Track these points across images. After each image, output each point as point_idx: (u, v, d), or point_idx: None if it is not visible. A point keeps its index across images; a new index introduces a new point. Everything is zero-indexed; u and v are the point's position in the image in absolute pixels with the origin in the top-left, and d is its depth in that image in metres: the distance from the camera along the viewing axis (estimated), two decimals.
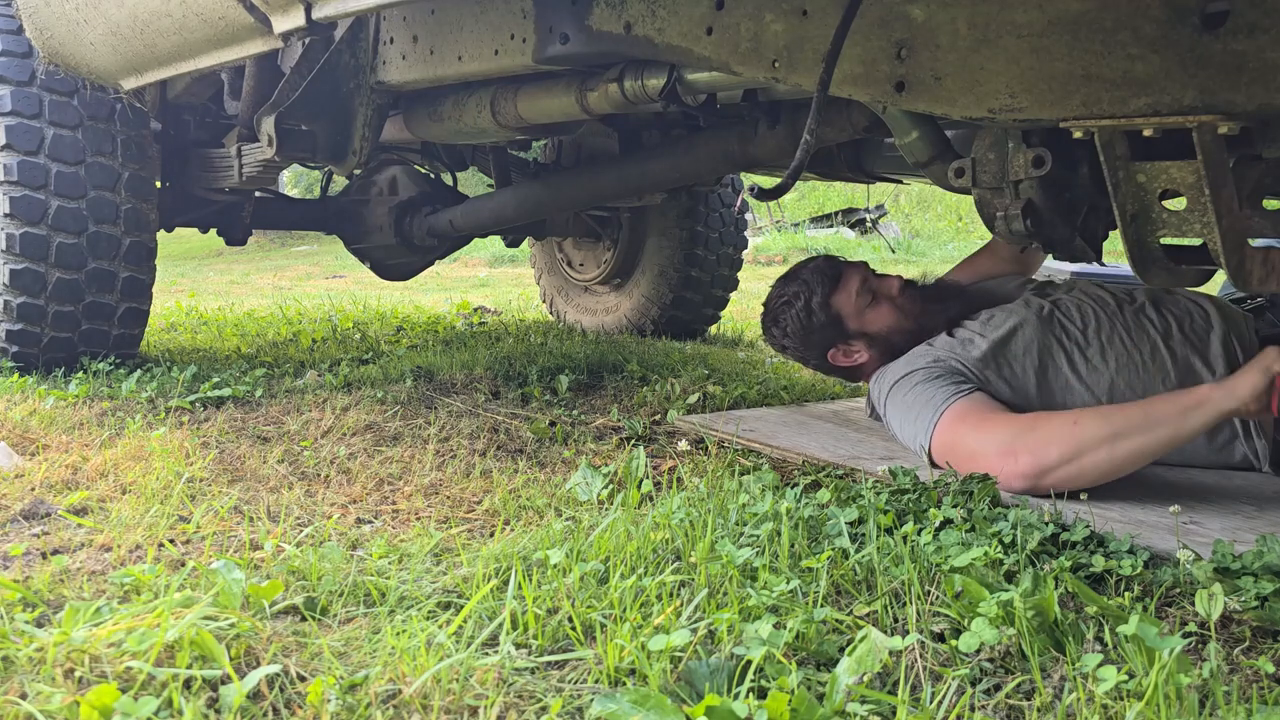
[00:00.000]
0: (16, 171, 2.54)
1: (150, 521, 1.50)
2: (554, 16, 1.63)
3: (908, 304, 2.04)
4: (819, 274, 2.07)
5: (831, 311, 2.04)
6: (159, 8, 2.00)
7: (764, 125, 2.07)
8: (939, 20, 1.22)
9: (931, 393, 1.80)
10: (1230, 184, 1.13)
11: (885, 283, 2.06)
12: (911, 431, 1.82)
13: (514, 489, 1.74)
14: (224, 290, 7.86)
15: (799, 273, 2.11)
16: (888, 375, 1.95)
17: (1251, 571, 1.23)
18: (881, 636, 1.04)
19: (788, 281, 2.12)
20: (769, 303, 2.16)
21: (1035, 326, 1.88)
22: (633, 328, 4.03)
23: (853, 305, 2.04)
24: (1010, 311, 1.93)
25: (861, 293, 2.03)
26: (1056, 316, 1.90)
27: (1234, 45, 1.05)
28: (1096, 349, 1.85)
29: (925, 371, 1.86)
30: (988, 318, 1.95)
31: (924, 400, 1.80)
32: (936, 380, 1.83)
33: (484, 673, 1.02)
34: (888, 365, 1.99)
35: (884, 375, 1.97)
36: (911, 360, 1.92)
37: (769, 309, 2.15)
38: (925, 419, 1.78)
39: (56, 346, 2.69)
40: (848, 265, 2.09)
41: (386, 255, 3.43)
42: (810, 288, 2.05)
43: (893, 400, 1.89)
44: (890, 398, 1.90)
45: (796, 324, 2.07)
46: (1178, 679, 0.96)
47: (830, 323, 2.05)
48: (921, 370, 1.87)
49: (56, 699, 0.93)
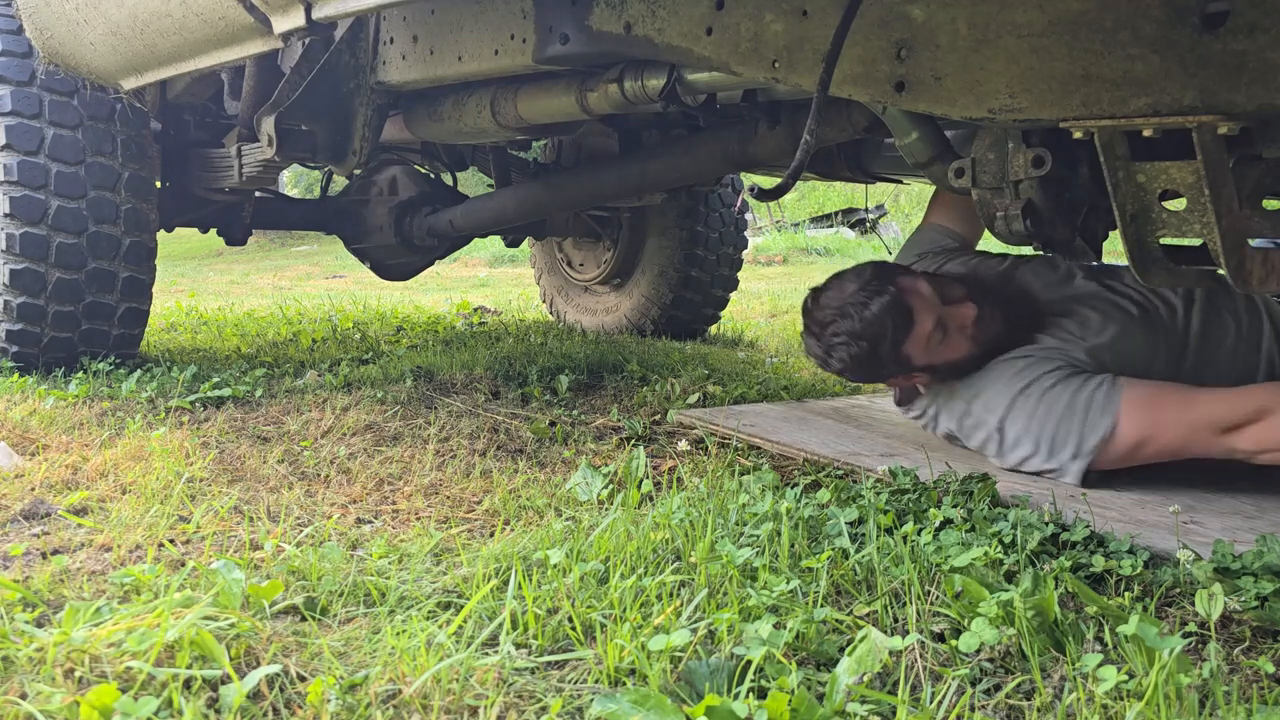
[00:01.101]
0: (16, 171, 2.54)
1: (150, 521, 1.50)
2: (554, 16, 1.62)
3: (980, 331, 1.82)
4: (890, 316, 1.77)
5: (901, 355, 1.81)
6: (159, 8, 2.00)
7: (764, 125, 2.07)
8: (939, 20, 1.22)
9: (1079, 390, 1.68)
10: (1230, 184, 1.13)
11: (959, 314, 1.82)
12: (1067, 437, 1.69)
13: (514, 489, 1.74)
14: (224, 290, 7.86)
15: (863, 306, 1.79)
16: (978, 392, 1.81)
17: (1251, 571, 1.23)
18: (881, 636, 1.04)
19: (847, 315, 1.80)
20: (822, 329, 1.85)
21: (1140, 326, 1.79)
22: (633, 328, 4.03)
23: (924, 348, 1.81)
24: (1103, 314, 1.82)
25: (934, 333, 1.80)
26: (1150, 315, 1.82)
27: (1234, 45, 1.05)
28: (1195, 349, 1.79)
29: (1054, 374, 1.72)
30: (1082, 320, 1.82)
31: (1074, 401, 1.68)
32: (1073, 378, 1.70)
33: (484, 673, 1.02)
34: (966, 382, 1.84)
35: (965, 393, 1.83)
36: (1021, 370, 1.77)
37: (822, 338, 1.85)
38: (1093, 419, 1.65)
39: (56, 346, 2.69)
40: (919, 303, 1.79)
41: (386, 255, 3.43)
42: (878, 331, 1.77)
43: (1015, 415, 1.74)
44: (1011, 414, 1.75)
45: (856, 362, 1.82)
46: (1178, 679, 0.96)
47: (897, 363, 1.83)
48: (1047, 374, 1.73)
49: (56, 699, 0.93)
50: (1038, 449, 1.73)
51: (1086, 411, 1.68)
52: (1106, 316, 1.82)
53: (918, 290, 1.81)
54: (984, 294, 1.85)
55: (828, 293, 1.86)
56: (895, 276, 1.82)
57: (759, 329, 4.56)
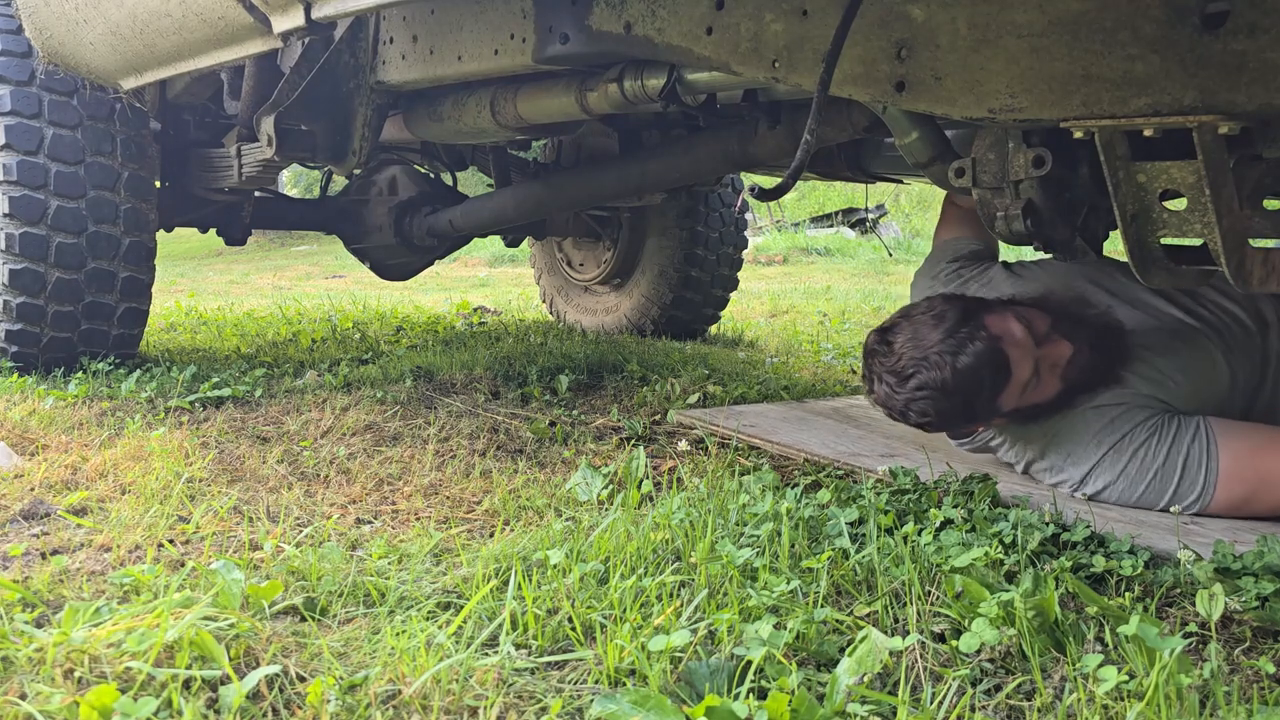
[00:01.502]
0: (16, 171, 2.53)
1: (150, 522, 1.50)
2: (554, 16, 1.62)
3: (1072, 369, 1.65)
4: (987, 367, 1.58)
5: (995, 407, 1.65)
6: (158, 7, 2.00)
7: (764, 125, 2.07)
8: (939, 20, 1.22)
9: (1174, 446, 1.57)
10: (1231, 184, 1.13)
11: (1053, 354, 1.64)
12: (1159, 499, 1.59)
13: (514, 489, 1.74)
14: (223, 290, 7.86)
15: (954, 356, 1.58)
16: (1058, 439, 1.68)
17: (1252, 572, 1.23)
18: (882, 637, 1.04)
19: (935, 366, 1.59)
20: (900, 380, 1.63)
21: (1222, 352, 1.70)
22: (633, 328, 4.03)
23: (1018, 394, 1.64)
24: (1191, 345, 1.71)
25: (1031, 378, 1.63)
26: (1229, 338, 1.72)
27: (1234, 45, 1.05)
28: (1275, 374, 1.71)
29: (1147, 427, 1.60)
30: (1173, 354, 1.69)
31: (1170, 460, 1.57)
32: (1166, 429, 1.59)
33: (484, 673, 1.02)
34: (1043, 425, 1.70)
35: (1042, 435, 1.70)
36: (1113, 421, 1.63)
37: (899, 390, 1.63)
38: (1190, 479, 1.56)
39: (56, 346, 2.69)
40: (1016, 351, 1.61)
41: (386, 255, 3.43)
42: (973, 385, 1.59)
43: (1102, 469, 1.62)
44: (1098, 468, 1.63)
45: (943, 417, 1.64)
46: (1178, 679, 0.96)
47: (987, 414, 1.67)
48: (1140, 427, 1.61)
49: (56, 699, 0.92)
50: (1125, 504, 1.62)
51: (1182, 470, 1.56)
52: (1194, 347, 1.69)
53: (1011, 334, 1.61)
54: (1073, 326, 1.68)
55: (900, 336, 1.65)
56: (983, 316, 1.62)
57: (759, 329, 4.56)
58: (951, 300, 1.66)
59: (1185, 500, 1.56)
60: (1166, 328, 1.75)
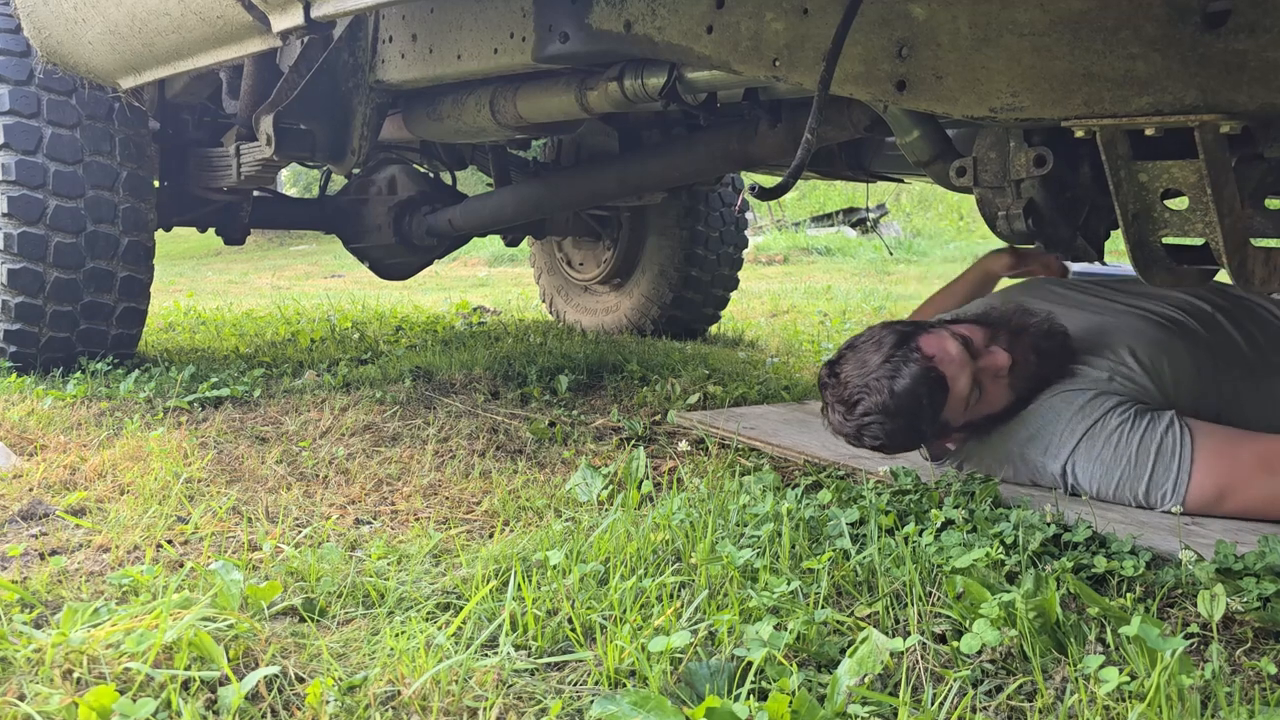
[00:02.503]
0: (14, 171, 2.53)
1: (148, 522, 1.50)
2: (554, 15, 1.62)
3: (1018, 378, 1.68)
4: (922, 386, 1.61)
5: (939, 424, 1.68)
6: (157, 6, 2.00)
7: (764, 124, 2.06)
8: (940, 19, 1.22)
9: (1147, 434, 1.57)
10: (1232, 183, 1.13)
11: (992, 364, 1.67)
12: (1139, 485, 1.58)
13: (513, 490, 1.73)
14: (222, 290, 7.85)
15: (891, 380, 1.63)
16: (1033, 435, 1.68)
17: (1254, 572, 1.22)
18: (883, 638, 1.04)
19: (875, 390, 1.64)
20: (848, 408, 1.68)
21: (1189, 350, 1.70)
22: (633, 327, 4.03)
23: (963, 410, 1.67)
24: (1138, 331, 1.73)
25: (971, 393, 1.66)
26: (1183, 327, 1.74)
27: (1235, 45, 1.05)
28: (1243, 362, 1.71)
29: (1119, 413, 1.61)
30: (1122, 340, 1.71)
31: (1143, 448, 1.57)
32: (1140, 419, 1.59)
33: (483, 674, 1.02)
34: (1009, 429, 1.71)
35: (1014, 438, 1.70)
36: (1082, 407, 1.64)
37: (849, 417, 1.68)
38: (1165, 465, 1.56)
39: (54, 346, 2.69)
40: (950, 367, 1.64)
41: (385, 255, 3.43)
42: (913, 404, 1.62)
43: (1080, 459, 1.63)
44: (1076, 457, 1.63)
45: (892, 438, 1.68)
46: (1180, 680, 0.96)
47: (935, 432, 1.70)
48: (1112, 413, 1.61)
49: (55, 700, 0.92)
50: (1102, 498, 1.63)
51: (1155, 458, 1.56)
52: (1150, 338, 1.71)
53: (946, 351, 1.65)
54: (1013, 336, 1.71)
55: (845, 366, 1.70)
56: (917, 338, 1.67)
57: (759, 329, 4.56)
58: (890, 327, 1.72)
59: (1160, 489, 1.56)
60: (1119, 322, 1.78)
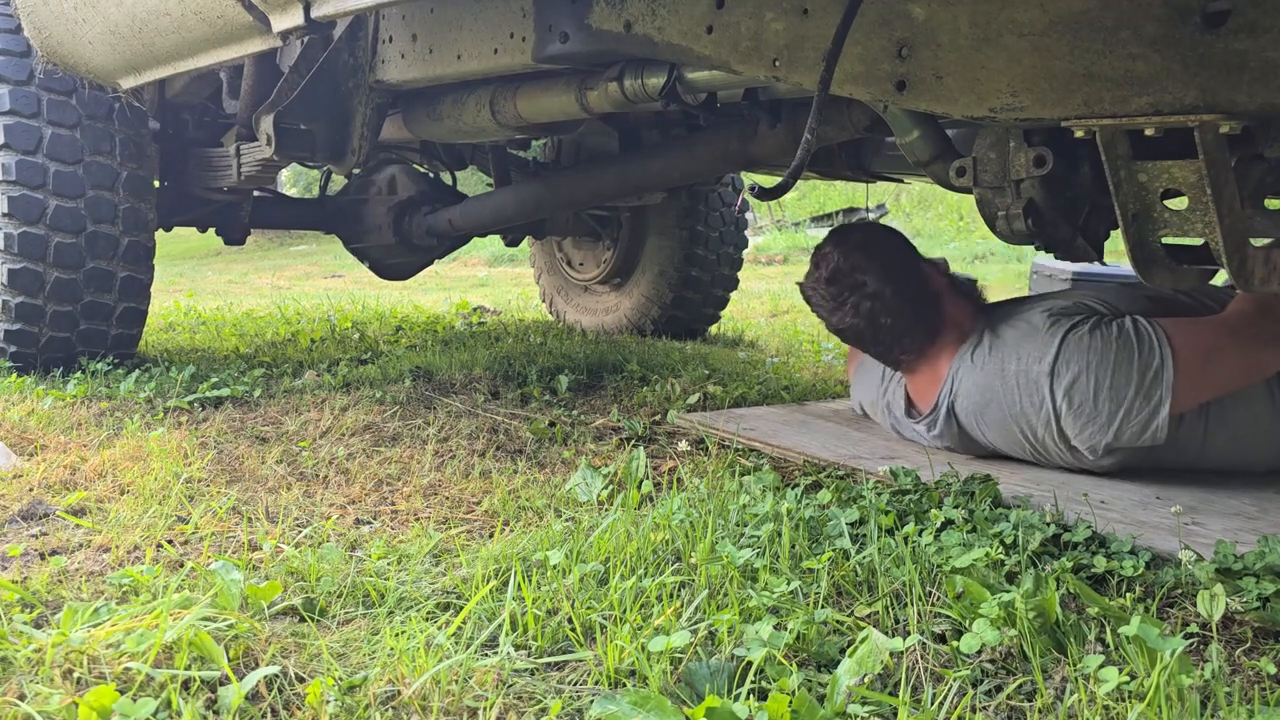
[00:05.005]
0: (15, 171, 2.53)
1: (149, 522, 1.50)
2: (554, 15, 1.62)
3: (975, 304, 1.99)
4: (899, 238, 1.99)
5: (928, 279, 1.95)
6: (157, 6, 2.00)
7: (764, 124, 2.06)
8: (940, 19, 1.22)
9: (1118, 328, 1.65)
10: (1232, 183, 1.13)
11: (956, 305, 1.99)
12: (1132, 371, 1.62)
13: (513, 489, 1.73)
14: (222, 290, 7.85)
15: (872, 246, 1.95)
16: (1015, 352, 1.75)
17: (1253, 572, 1.23)
18: (882, 638, 1.04)
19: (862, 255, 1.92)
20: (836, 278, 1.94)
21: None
22: (633, 327, 4.02)
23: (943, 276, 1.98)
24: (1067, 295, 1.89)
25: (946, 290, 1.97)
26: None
27: (1235, 44, 1.05)
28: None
29: (1087, 322, 1.69)
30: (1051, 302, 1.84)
31: (1121, 334, 1.64)
32: (1104, 323, 1.67)
33: (483, 674, 1.02)
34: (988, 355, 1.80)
35: (993, 362, 1.78)
36: (1056, 317, 1.73)
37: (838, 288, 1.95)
38: (1148, 344, 1.61)
39: (55, 346, 2.69)
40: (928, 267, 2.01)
41: (385, 255, 3.43)
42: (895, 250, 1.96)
43: (1072, 357, 1.66)
44: (1064, 355, 1.67)
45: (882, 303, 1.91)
46: (1179, 680, 0.96)
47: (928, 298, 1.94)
48: (1081, 321, 1.69)
49: (55, 700, 0.92)
50: (1099, 405, 1.65)
51: (1137, 339, 1.63)
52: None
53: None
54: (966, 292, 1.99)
55: (823, 258, 1.96)
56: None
57: (759, 329, 4.56)
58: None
59: (1151, 368, 1.60)
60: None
